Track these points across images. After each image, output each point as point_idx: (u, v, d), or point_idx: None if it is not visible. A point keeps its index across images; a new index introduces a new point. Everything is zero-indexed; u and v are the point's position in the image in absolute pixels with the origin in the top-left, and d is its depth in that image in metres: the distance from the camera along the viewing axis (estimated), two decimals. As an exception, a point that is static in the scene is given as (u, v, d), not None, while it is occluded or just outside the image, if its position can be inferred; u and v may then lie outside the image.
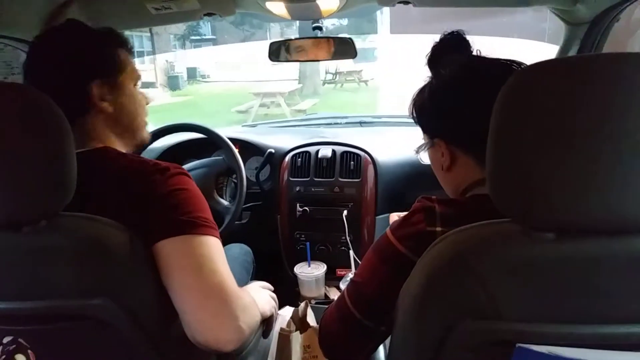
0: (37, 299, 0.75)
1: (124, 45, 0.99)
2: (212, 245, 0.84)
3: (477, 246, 0.65)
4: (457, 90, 0.84)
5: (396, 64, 13.99)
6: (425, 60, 0.92)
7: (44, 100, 0.72)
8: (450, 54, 0.89)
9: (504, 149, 0.62)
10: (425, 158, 0.96)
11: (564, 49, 1.43)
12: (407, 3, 1.36)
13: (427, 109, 0.90)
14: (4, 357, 0.62)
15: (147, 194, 0.82)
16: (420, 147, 0.95)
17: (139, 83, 1.03)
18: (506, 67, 0.84)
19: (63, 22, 0.96)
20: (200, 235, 0.83)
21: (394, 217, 1.27)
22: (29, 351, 0.64)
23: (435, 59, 0.90)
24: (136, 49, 13.07)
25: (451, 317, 0.66)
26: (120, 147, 0.97)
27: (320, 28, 1.52)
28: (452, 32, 0.90)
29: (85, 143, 0.91)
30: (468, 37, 0.91)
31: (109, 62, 0.94)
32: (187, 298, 0.81)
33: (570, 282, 0.62)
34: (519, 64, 0.84)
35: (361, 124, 2.26)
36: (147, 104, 1.05)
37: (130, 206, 0.82)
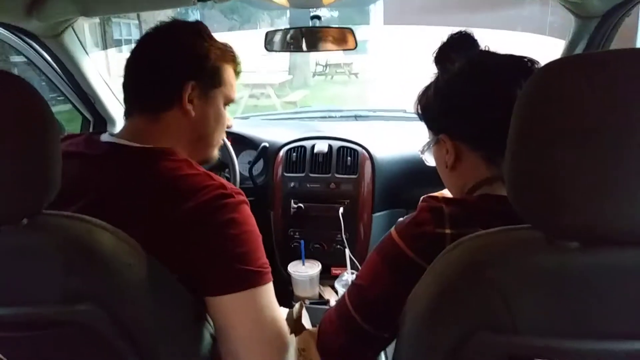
0: (16, 305, 0.69)
1: (234, 65, 1.00)
2: (271, 290, 0.85)
3: (496, 254, 0.61)
4: (464, 85, 0.81)
5: (388, 56, 13.97)
6: (432, 58, 0.89)
7: (25, 89, 0.66)
8: (457, 51, 0.86)
9: (527, 149, 0.57)
10: (430, 159, 0.93)
11: (572, 43, 1.40)
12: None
13: (432, 105, 0.87)
14: None
15: (209, 227, 0.78)
16: (424, 145, 0.92)
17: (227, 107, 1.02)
18: (516, 62, 0.81)
19: (193, 21, 0.99)
20: (264, 285, 0.82)
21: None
22: (6, 364, 0.59)
23: (443, 56, 0.87)
24: (124, 37, 12.87)
25: (465, 329, 0.62)
26: (186, 154, 0.93)
27: (319, 17, 1.47)
28: (460, 31, 0.88)
29: (154, 140, 0.88)
30: (475, 31, 0.88)
31: (211, 71, 0.94)
32: (246, 350, 0.84)
33: (594, 295, 0.58)
34: (530, 59, 0.80)
35: (356, 117, 2.21)
36: (228, 127, 1.05)
37: (175, 227, 0.77)
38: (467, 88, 0.81)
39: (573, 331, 0.59)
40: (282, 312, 1.17)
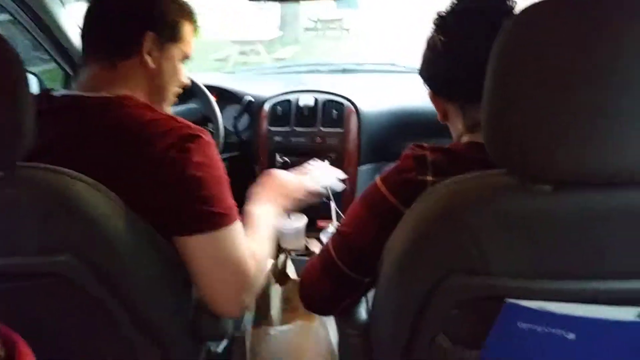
0: None
1: (193, 23, 1.00)
2: (236, 230, 0.86)
3: (470, 199, 0.62)
4: (434, 42, 0.82)
5: (378, 10, 13.67)
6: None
7: None
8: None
9: (501, 96, 0.58)
10: None
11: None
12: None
13: (420, 63, 0.88)
14: None
15: (176, 170, 0.78)
16: None
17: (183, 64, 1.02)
18: (497, 5, 0.78)
19: None
20: (229, 225, 0.83)
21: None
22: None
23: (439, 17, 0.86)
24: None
25: (439, 271, 0.64)
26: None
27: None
28: None
29: (111, 89, 0.86)
30: None
31: (171, 25, 0.94)
32: (211, 286, 0.87)
33: (565, 237, 0.60)
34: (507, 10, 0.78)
35: (344, 71, 2.18)
36: (182, 86, 1.04)
37: (143, 172, 0.77)
38: (436, 45, 0.81)
39: (544, 272, 0.61)
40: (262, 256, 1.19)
